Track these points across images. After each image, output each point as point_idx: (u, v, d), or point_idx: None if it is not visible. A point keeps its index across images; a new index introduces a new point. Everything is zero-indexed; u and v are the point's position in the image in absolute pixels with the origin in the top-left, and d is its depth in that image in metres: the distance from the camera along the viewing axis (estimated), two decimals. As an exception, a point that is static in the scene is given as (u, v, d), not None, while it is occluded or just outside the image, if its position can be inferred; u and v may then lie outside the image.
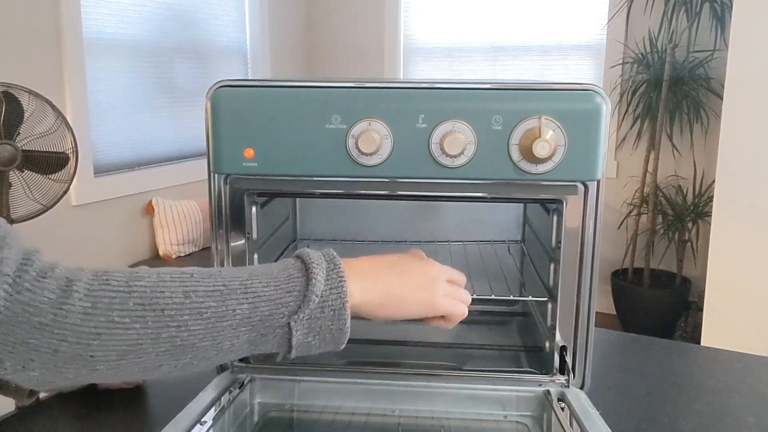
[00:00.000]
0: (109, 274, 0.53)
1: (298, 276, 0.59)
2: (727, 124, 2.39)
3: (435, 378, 0.84)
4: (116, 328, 0.51)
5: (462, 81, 0.80)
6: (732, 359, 1.04)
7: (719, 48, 3.05)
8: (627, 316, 3.28)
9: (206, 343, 0.55)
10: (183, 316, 0.53)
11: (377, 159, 0.77)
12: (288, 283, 0.58)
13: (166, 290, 0.54)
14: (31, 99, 1.99)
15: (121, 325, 0.51)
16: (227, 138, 0.78)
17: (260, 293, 0.57)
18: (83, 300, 0.50)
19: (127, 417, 0.85)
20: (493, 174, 0.77)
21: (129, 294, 0.52)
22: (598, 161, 0.77)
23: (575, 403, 0.77)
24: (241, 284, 0.57)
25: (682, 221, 3.20)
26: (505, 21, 3.61)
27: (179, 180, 3.16)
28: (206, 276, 0.56)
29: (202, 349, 0.55)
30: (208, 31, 3.34)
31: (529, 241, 1.12)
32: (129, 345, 0.52)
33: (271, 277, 0.58)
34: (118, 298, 0.52)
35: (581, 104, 0.75)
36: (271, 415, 0.84)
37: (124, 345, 0.52)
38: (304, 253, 0.61)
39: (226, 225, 0.83)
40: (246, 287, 0.57)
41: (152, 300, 0.53)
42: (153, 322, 0.52)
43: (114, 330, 0.51)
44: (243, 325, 0.56)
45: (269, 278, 0.58)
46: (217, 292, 0.55)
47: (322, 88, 0.77)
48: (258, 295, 0.57)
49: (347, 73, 4.01)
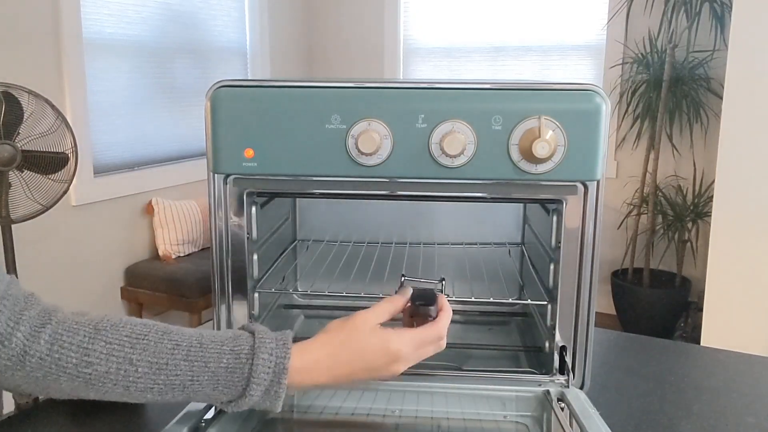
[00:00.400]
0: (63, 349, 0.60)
1: (238, 385, 0.62)
2: (727, 124, 2.39)
3: (435, 378, 0.84)
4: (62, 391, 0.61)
5: (462, 81, 0.80)
6: (732, 359, 1.04)
7: (719, 48, 3.06)
8: (627, 316, 3.28)
9: None
10: (123, 398, 0.62)
11: (377, 159, 0.77)
12: (227, 387, 0.62)
13: (109, 382, 0.60)
14: (30, 99, 1.99)
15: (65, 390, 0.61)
16: (227, 138, 0.78)
17: (198, 391, 0.62)
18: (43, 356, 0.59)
19: (126, 418, 0.85)
20: (492, 174, 0.77)
21: (77, 376, 0.60)
22: (598, 161, 0.77)
23: (575, 403, 0.77)
24: (181, 382, 0.61)
25: (681, 221, 3.20)
26: (505, 21, 3.61)
27: (179, 180, 3.16)
28: (152, 370, 0.61)
29: None
30: (208, 32, 3.34)
31: (529, 242, 1.12)
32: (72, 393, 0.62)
33: (213, 378, 0.62)
34: (65, 377, 0.59)
35: (581, 104, 0.75)
36: (271, 416, 0.84)
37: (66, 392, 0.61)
38: (255, 358, 0.62)
39: (226, 225, 0.83)
40: (185, 386, 0.61)
41: (97, 384, 0.60)
42: (97, 394, 0.61)
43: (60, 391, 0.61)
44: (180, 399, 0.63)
45: (212, 378, 0.62)
46: (156, 390, 0.61)
47: (322, 88, 0.77)
48: (196, 392, 0.62)
49: (347, 73, 4.01)
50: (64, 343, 0.59)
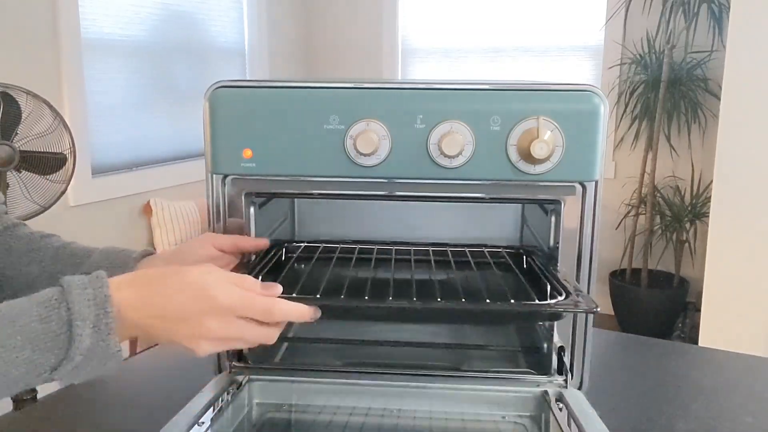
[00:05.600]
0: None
1: (59, 333, 0.53)
2: (725, 125, 2.40)
3: (433, 379, 0.84)
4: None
5: (460, 81, 0.80)
6: (729, 360, 1.04)
7: (717, 49, 3.06)
8: (625, 317, 3.28)
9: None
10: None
11: (375, 159, 0.77)
12: (48, 343, 0.53)
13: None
14: (28, 99, 1.99)
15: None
16: (225, 138, 0.78)
17: (17, 359, 0.52)
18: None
19: (124, 418, 0.85)
20: (491, 174, 0.77)
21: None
22: (596, 162, 0.77)
23: (573, 404, 0.77)
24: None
25: (679, 222, 3.20)
26: (504, 22, 3.61)
27: (177, 180, 3.16)
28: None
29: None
30: (207, 32, 3.34)
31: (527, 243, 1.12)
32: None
33: (28, 335, 0.52)
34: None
35: (579, 105, 0.76)
36: (270, 416, 0.84)
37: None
38: (70, 296, 0.54)
39: (224, 225, 0.83)
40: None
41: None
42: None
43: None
44: (8, 384, 0.53)
45: (26, 336, 0.52)
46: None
47: (321, 88, 0.77)
48: (15, 361, 0.52)
49: (345, 73, 4.01)
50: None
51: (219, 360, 0.86)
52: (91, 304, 0.54)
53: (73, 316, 0.53)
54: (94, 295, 0.55)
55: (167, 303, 0.57)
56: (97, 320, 0.54)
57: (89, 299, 0.54)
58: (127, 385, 0.93)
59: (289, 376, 0.85)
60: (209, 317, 0.58)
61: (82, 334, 0.53)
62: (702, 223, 3.16)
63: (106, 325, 0.54)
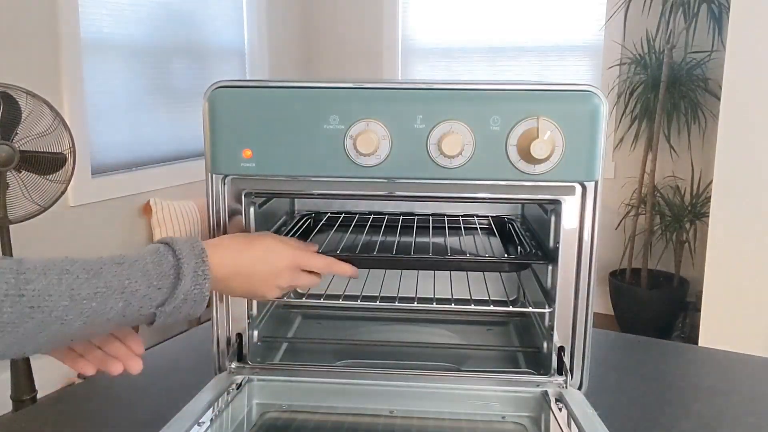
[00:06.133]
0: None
1: (169, 274, 0.65)
2: (725, 125, 2.40)
3: (433, 378, 0.84)
4: (5, 328, 0.56)
5: (460, 82, 0.80)
6: (730, 360, 1.04)
7: (716, 49, 3.06)
8: (625, 317, 3.28)
9: (81, 333, 0.61)
10: (68, 315, 0.59)
11: (375, 160, 0.77)
12: (159, 280, 0.64)
13: (54, 293, 0.58)
14: (28, 99, 1.99)
15: (11, 325, 0.56)
16: (225, 138, 0.78)
17: (135, 291, 0.63)
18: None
19: (125, 418, 0.85)
20: (491, 175, 0.77)
21: (19, 297, 0.56)
22: (596, 162, 0.77)
23: (573, 404, 0.77)
24: (120, 283, 0.62)
25: (679, 222, 3.20)
26: (503, 22, 3.61)
27: (177, 180, 3.16)
28: (90, 275, 0.61)
29: (77, 337, 0.61)
30: (206, 32, 3.34)
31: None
32: (15, 340, 0.56)
33: (145, 274, 0.64)
34: (8, 300, 0.55)
35: (579, 105, 0.76)
36: (269, 416, 0.84)
37: (10, 340, 0.56)
38: (176, 246, 0.67)
39: (224, 225, 0.83)
40: (124, 287, 0.62)
41: (41, 303, 0.57)
42: (40, 322, 0.57)
43: (3, 329, 0.56)
44: (116, 318, 0.62)
45: (143, 275, 0.63)
46: (99, 294, 0.60)
47: (320, 88, 0.77)
48: (133, 292, 0.62)
49: (345, 73, 4.01)
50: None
51: (219, 360, 0.86)
52: (192, 254, 0.66)
53: (180, 261, 0.65)
54: (193, 247, 0.67)
55: (255, 262, 0.74)
56: (197, 267, 0.66)
57: (190, 250, 0.67)
58: (127, 385, 0.93)
59: (289, 376, 0.85)
60: (285, 271, 0.76)
61: (185, 276, 0.65)
62: (702, 223, 3.16)
63: (203, 272, 0.67)
